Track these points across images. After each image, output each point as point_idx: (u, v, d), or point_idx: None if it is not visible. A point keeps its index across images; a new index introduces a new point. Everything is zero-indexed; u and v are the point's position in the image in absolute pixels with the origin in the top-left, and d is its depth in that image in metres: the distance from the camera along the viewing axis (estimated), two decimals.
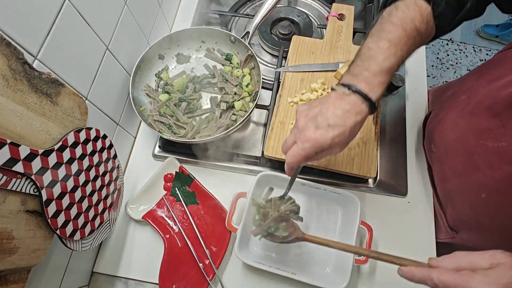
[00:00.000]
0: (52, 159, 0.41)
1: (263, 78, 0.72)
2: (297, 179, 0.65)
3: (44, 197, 0.40)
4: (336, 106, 0.43)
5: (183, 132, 0.69)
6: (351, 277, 0.56)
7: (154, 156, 0.73)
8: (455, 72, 2.03)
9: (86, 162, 0.48)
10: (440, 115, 0.68)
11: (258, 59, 0.74)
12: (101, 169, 0.52)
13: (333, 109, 0.43)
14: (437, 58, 2.07)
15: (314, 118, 0.44)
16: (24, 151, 0.37)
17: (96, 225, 0.50)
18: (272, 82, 0.76)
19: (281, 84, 0.73)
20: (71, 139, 0.45)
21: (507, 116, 0.49)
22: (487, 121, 0.53)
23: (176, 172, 0.69)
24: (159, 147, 0.73)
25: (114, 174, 0.56)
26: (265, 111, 0.75)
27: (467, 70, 2.04)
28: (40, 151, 0.39)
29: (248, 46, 0.72)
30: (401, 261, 0.41)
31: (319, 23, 0.87)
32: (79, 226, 0.46)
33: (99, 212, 0.51)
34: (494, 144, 0.51)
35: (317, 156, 0.45)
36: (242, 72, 0.74)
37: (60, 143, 0.43)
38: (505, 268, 0.32)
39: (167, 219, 0.66)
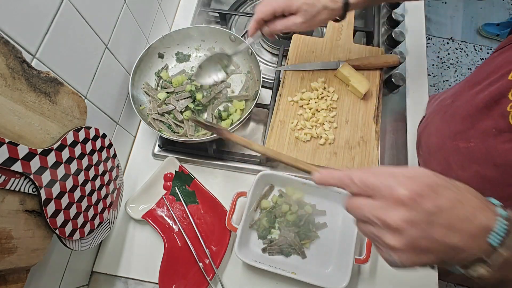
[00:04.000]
0: (51, 158, 0.41)
1: (263, 77, 0.72)
2: (297, 178, 0.65)
3: (43, 197, 0.40)
4: None
5: (183, 131, 0.69)
6: (351, 277, 0.56)
7: (154, 155, 0.73)
8: (455, 71, 2.03)
9: (85, 162, 0.47)
10: (428, 120, 0.71)
11: (258, 58, 0.74)
12: (101, 168, 0.51)
13: None
14: (438, 57, 2.07)
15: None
16: (22, 151, 0.36)
17: (96, 225, 0.50)
18: (272, 81, 0.76)
19: (281, 83, 0.73)
20: (70, 138, 0.44)
21: (477, 118, 0.51)
22: (461, 124, 0.55)
23: (176, 171, 0.69)
24: (159, 146, 0.73)
25: (114, 174, 0.55)
26: (265, 110, 0.75)
27: (468, 69, 2.04)
28: (39, 151, 0.39)
29: (248, 45, 0.72)
30: (306, 166, 0.38)
31: None
32: (79, 226, 0.46)
33: (99, 212, 0.51)
34: (464, 144, 0.54)
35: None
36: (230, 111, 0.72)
37: (59, 142, 0.42)
38: (426, 174, 0.31)
39: (167, 218, 0.66)
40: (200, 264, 0.61)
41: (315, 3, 0.51)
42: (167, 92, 0.73)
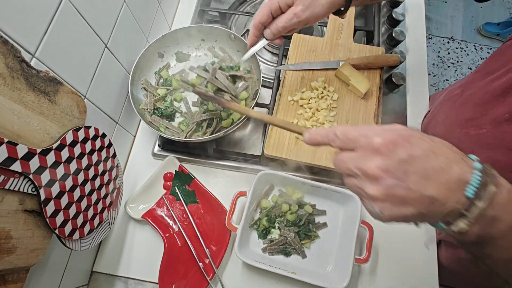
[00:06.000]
0: (51, 158, 0.41)
1: (263, 77, 0.72)
2: (298, 178, 0.64)
3: (43, 197, 0.40)
4: None
5: (183, 131, 0.69)
6: (351, 277, 0.56)
7: (154, 155, 0.73)
8: (456, 70, 2.02)
9: (85, 161, 0.47)
10: (435, 111, 0.71)
11: (258, 57, 0.73)
12: (100, 168, 0.51)
13: None
14: (438, 56, 2.07)
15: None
16: (21, 150, 0.36)
17: (95, 224, 0.50)
18: (272, 81, 0.76)
19: (281, 82, 0.73)
20: (69, 138, 0.44)
21: (491, 105, 0.51)
22: (473, 111, 0.56)
23: (175, 171, 0.69)
24: (159, 145, 0.73)
25: (113, 173, 0.55)
26: (265, 109, 0.75)
27: (468, 68, 2.04)
28: (38, 150, 0.39)
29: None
30: (296, 128, 0.42)
31: (319, 21, 0.86)
32: (78, 226, 0.46)
33: (98, 211, 0.51)
34: (475, 131, 0.54)
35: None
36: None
37: (59, 142, 0.42)
38: (402, 127, 0.33)
39: (166, 218, 0.66)
40: (200, 264, 0.61)
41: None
42: (167, 89, 0.72)
